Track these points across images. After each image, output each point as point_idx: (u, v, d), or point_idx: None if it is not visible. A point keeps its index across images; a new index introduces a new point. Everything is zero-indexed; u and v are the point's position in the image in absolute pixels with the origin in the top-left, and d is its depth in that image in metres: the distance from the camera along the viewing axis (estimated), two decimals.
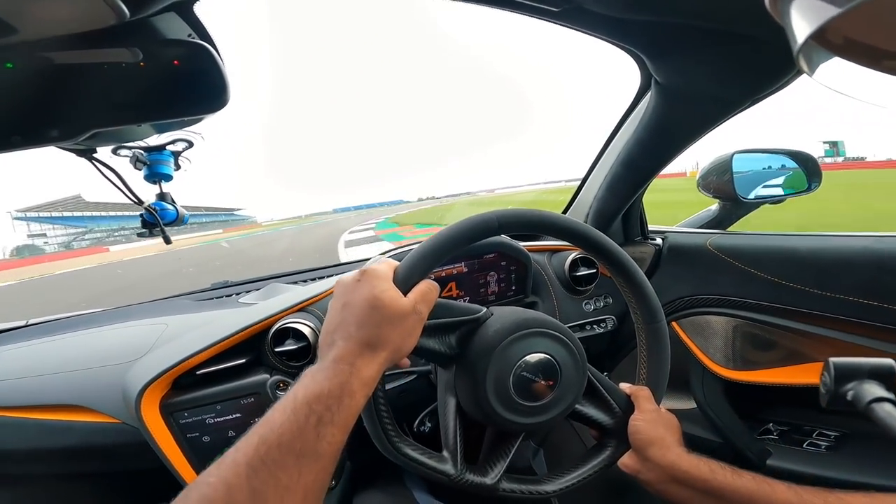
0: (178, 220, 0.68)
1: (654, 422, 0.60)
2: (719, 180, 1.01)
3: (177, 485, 0.79)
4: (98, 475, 0.99)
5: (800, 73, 0.64)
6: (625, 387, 0.67)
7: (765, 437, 0.89)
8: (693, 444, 0.96)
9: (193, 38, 0.58)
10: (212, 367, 0.76)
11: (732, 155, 0.99)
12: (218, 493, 0.32)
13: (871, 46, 0.21)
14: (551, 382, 0.57)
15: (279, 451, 0.35)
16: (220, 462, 0.34)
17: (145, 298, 1.18)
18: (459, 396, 0.59)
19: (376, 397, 0.54)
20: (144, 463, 0.78)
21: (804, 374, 0.82)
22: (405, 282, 0.50)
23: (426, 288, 0.50)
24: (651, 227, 1.14)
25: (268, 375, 0.78)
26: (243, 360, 0.78)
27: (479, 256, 0.94)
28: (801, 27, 0.21)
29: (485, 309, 0.60)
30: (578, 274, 1.01)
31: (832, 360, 0.42)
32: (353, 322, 0.45)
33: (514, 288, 0.99)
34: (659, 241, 1.07)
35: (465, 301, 0.94)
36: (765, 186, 1.04)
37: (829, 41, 0.21)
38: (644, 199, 1.11)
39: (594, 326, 1.03)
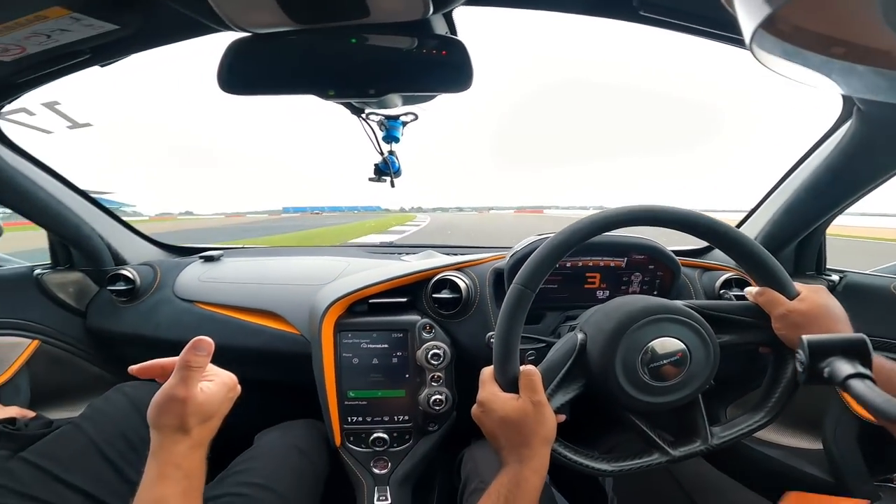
0: (398, 172, 0.89)
1: (807, 300, 0.59)
2: None
3: (308, 405, 0.95)
4: (260, 382, 1.25)
5: None
6: (748, 294, 0.66)
7: (884, 484, 0.83)
8: (801, 481, 0.94)
9: (448, 34, 0.76)
10: (381, 300, 0.95)
11: None
12: None
13: (819, 33, 0.22)
14: (679, 362, 0.58)
15: None
16: None
17: None
18: (607, 409, 0.64)
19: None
20: (298, 375, 0.96)
21: None
22: (505, 378, 0.58)
23: (526, 380, 0.57)
24: (831, 266, 1.04)
25: (418, 317, 0.94)
26: (405, 300, 0.96)
27: (629, 254, 0.97)
28: (751, 16, 0.21)
29: (575, 330, 0.65)
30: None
31: (804, 336, 0.44)
32: (502, 439, 0.57)
33: (655, 293, 0.99)
34: (835, 277, 0.99)
35: (604, 293, 0.99)
36: None
37: (779, 29, 0.22)
38: None
39: None
